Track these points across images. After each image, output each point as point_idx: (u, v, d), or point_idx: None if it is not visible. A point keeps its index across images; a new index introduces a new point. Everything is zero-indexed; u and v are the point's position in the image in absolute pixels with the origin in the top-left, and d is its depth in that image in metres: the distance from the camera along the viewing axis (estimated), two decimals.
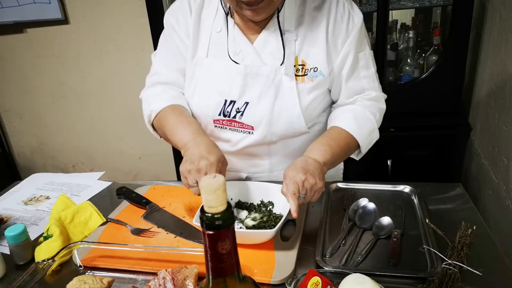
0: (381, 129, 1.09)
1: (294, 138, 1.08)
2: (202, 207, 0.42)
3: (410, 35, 2.01)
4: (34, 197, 1.18)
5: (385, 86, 1.98)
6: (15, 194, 1.21)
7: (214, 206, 0.41)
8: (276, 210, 0.94)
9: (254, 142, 1.06)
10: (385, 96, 1.11)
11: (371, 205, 0.95)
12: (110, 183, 1.23)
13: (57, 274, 0.83)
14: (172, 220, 0.98)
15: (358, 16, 1.03)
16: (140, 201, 1.05)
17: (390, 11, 1.99)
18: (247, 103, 1.02)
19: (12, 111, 2.61)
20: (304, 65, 1.01)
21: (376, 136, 1.08)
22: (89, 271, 0.83)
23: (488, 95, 1.81)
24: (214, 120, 1.06)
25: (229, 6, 1.01)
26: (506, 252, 0.82)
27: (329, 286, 0.68)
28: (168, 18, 1.09)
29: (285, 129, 1.04)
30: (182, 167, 0.90)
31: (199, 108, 1.07)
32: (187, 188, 0.90)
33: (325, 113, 1.13)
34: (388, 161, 1.99)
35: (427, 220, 0.87)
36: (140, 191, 1.12)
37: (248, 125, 1.04)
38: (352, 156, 1.10)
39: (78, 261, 0.84)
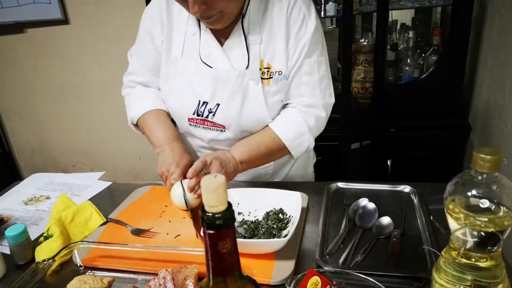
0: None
1: None
2: (203, 206, 0.42)
3: (410, 35, 2.01)
4: (34, 197, 1.18)
5: (385, 86, 2.01)
6: (15, 194, 1.21)
7: (215, 205, 0.41)
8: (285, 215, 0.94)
9: (227, 139, 1.10)
10: (329, 103, 1.11)
11: (371, 205, 0.95)
12: (110, 183, 1.23)
13: (57, 274, 0.83)
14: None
15: (312, 23, 1.03)
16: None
17: (390, 11, 1.99)
18: (218, 105, 1.06)
19: (12, 111, 2.61)
20: (269, 68, 1.04)
21: (307, 140, 1.08)
22: (89, 271, 0.83)
23: (488, 95, 1.81)
24: (188, 119, 1.10)
25: None
26: (506, 252, 0.82)
27: (328, 286, 0.68)
28: (144, 19, 1.14)
29: (254, 127, 1.08)
30: (159, 170, 1.03)
31: (175, 107, 1.11)
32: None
33: None
34: (388, 161, 1.99)
35: (431, 217, 0.87)
36: (140, 191, 1.12)
37: (220, 125, 1.08)
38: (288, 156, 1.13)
39: (78, 261, 0.84)
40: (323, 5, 1.96)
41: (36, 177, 1.32)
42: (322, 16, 2.01)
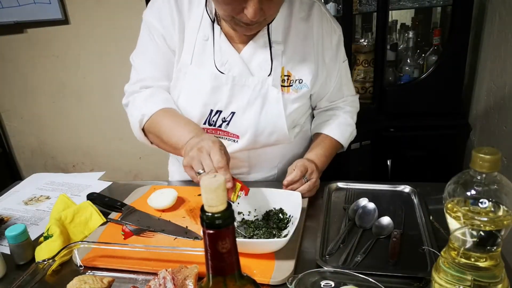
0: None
1: (274, 146, 1.09)
2: (203, 206, 0.42)
3: (410, 35, 2.01)
4: (35, 197, 1.18)
5: (385, 86, 2.01)
6: (15, 194, 1.21)
7: (214, 205, 0.41)
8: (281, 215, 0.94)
9: (238, 150, 1.07)
10: (358, 95, 1.25)
11: (371, 205, 0.95)
12: (110, 183, 1.23)
13: (57, 274, 0.83)
14: (151, 219, 0.98)
15: (339, 29, 1.08)
16: (114, 204, 1.03)
17: (390, 11, 1.99)
18: (233, 113, 1.02)
19: (12, 111, 2.61)
20: (289, 76, 1.03)
21: (354, 134, 1.22)
22: (89, 271, 0.83)
23: (488, 95, 1.81)
24: None
25: (215, 13, 0.99)
26: (506, 252, 0.82)
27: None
28: (150, 18, 1.03)
29: (268, 138, 1.05)
30: (184, 161, 0.84)
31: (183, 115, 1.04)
32: (196, 181, 0.82)
33: (304, 117, 1.15)
34: (388, 161, 1.99)
35: (431, 217, 0.87)
36: (140, 191, 1.12)
37: (233, 134, 1.05)
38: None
39: (78, 261, 0.84)
40: None
41: (36, 177, 1.31)
42: None
